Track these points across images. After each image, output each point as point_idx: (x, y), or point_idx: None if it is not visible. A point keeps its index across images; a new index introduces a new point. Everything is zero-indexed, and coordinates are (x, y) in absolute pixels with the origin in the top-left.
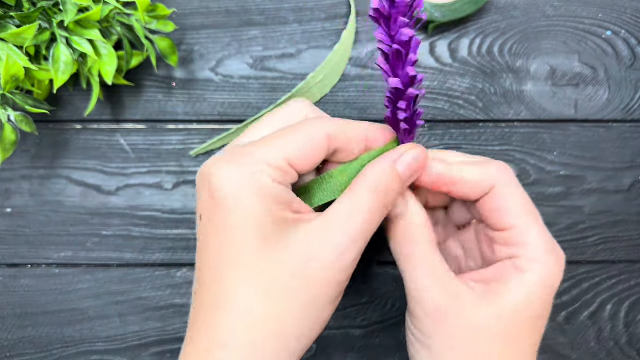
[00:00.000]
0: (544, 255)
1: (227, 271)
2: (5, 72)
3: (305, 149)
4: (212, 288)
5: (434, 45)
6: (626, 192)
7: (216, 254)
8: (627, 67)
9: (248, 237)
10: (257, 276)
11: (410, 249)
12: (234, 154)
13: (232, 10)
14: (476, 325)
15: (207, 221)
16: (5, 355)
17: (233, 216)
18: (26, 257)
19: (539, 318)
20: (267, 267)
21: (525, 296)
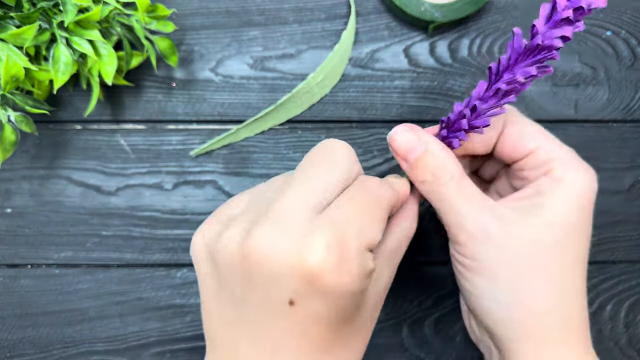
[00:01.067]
0: (576, 162)
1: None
2: (5, 72)
3: (385, 224)
4: None
5: (434, 45)
6: (626, 192)
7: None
8: (627, 67)
9: (348, 319)
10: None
11: (444, 179)
12: (335, 239)
13: (232, 10)
14: (526, 238)
15: (305, 311)
16: (5, 355)
17: (343, 310)
18: (26, 257)
19: (585, 225)
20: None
21: (571, 200)
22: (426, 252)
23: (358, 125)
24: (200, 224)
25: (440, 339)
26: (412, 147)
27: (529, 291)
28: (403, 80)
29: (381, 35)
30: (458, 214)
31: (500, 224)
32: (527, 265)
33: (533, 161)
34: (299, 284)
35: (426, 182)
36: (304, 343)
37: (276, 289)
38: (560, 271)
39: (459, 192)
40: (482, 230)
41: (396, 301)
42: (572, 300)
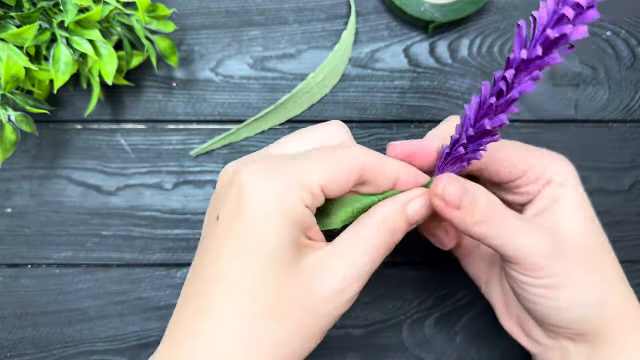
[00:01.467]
0: (559, 161)
1: (226, 280)
2: (6, 72)
3: (340, 176)
4: (205, 291)
5: (434, 45)
6: (626, 192)
7: (223, 259)
8: (627, 67)
9: (261, 252)
10: (256, 294)
11: (499, 210)
12: (270, 165)
13: (232, 10)
14: (577, 243)
15: (224, 224)
16: (5, 355)
17: (255, 228)
18: (26, 257)
19: (589, 210)
20: (268, 288)
21: (578, 193)
22: (426, 252)
23: (358, 125)
24: (200, 223)
25: (441, 338)
26: (461, 194)
27: (604, 284)
28: (403, 80)
29: (381, 35)
30: (516, 248)
31: (554, 236)
32: (592, 266)
33: (530, 177)
34: (226, 197)
35: (483, 222)
36: (222, 267)
37: (213, 205)
38: (608, 259)
39: (518, 218)
40: (553, 246)
41: (396, 301)
42: (624, 279)
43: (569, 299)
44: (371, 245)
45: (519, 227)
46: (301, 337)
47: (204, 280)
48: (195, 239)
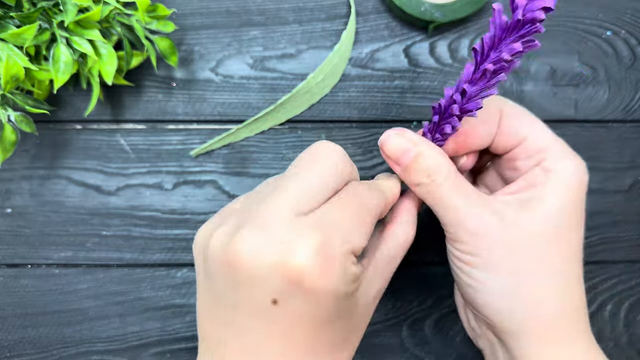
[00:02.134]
0: (566, 152)
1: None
2: (6, 72)
3: (371, 229)
4: None
5: (434, 46)
6: (626, 192)
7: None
8: (627, 67)
9: (332, 321)
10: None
11: (439, 180)
12: (322, 244)
13: (232, 10)
14: (525, 231)
15: (288, 311)
16: (5, 355)
17: (325, 310)
18: (26, 257)
19: (579, 213)
20: (337, 339)
21: (564, 190)
22: (426, 252)
23: (358, 125)
24: (200, 223)
25: (440, 339)
26: (404, 151)
27: (531, 282)
28: (403, 80)
29: (381, 35)
30: (457, 213)
31: (499, 219)
32: (527, 258)
33: (525, 150)
34: (283, 284)
35: (422, 184)
36: (288, 344)
37: (259, 289)
38: (561, 261)
39: (456, 190)
40: (482, 227)
41: (396, 301)
42: (573, 288)
43: (483, 282)
44: (399, 255)
45: (456, 198)
46: (349, 346)
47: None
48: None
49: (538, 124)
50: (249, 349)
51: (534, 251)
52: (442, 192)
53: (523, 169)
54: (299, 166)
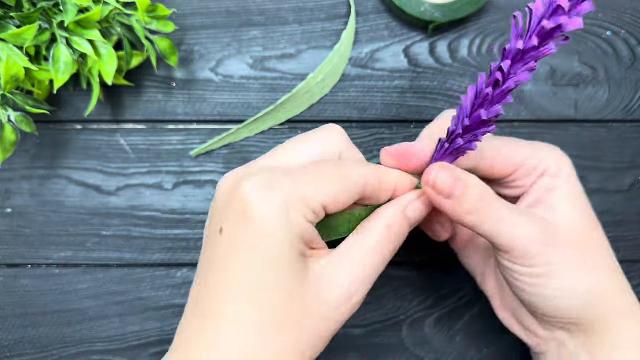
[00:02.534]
0: (552, 152)
1: (237, 291)
2: (6, 72)
3: (342, 195)
4: (212, 302)
5: (434, 46)
6: (626, 192)
7: (230, 270)
8: (627, 67)
9: (270, 265)
10: (264, 304)
11: (491, 200)
12: (272, 180)
13: (232, 10)
14: (574, 231)
15: (229, 237)
16: (5, 355)
17: (262, 241)
18: (26, 257)
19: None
20: (276, 298)
21: (573, 184)
22: (426, 252)
23: (358, 125)
24: (200, 223)
25: (440, 338)
26: (454, 183)
27: (596, 274)
28: (403, 80)
29: (381, 35)
30: (507, 236)
31: (543, 229)
32: (585, 253)
33: (525, 171)
34: (229, 211)
35: (474, 210)
36: (226, 276)
37: (216, 217)
38: (602, 248)
39: (509, 207)
40: (541, 240)
41: (396, 301)
42: (618, 265)
43: (560, 288)
44: (376, 250)
45: (509, 216)
46: (310, 343)
47: (211, 291)
48: (195, 239)
49: (520, 144)
50: (199, 281)
51: (586, 245)
52: (500, 211)
53: (528, 184)
54: (298, 138)
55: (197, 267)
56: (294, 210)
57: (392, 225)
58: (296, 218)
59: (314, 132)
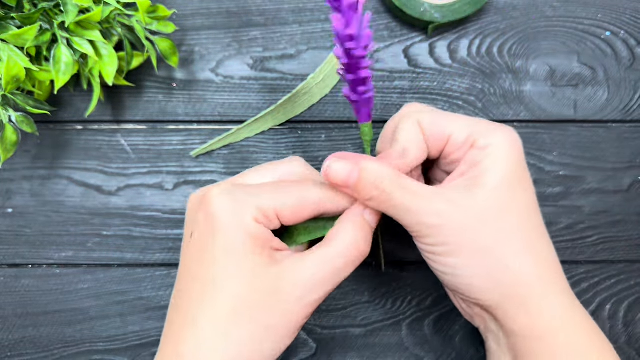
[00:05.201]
0: (491, 126)
1: (199, 288)
2: (6, 72)
3: (294, 208)
4: (184, 301)
5: (434, 46)
6: (625, 192)
7: (194, 269)
8: (626, 67)
9: (230, 260)
10: (223, 298)
11: (387, 188)
12: (233, 189)
13: (232, 11)
14: (478, 209)
15: (197, 239)
16: (6, 355)
17: (221, 240)
18: (27, 257)
19: (524, 175)
20: (233, 291)
21: (503, 159)
22: None
23: (358, 126)
24: None
25: (440, 338)
26: (348, 173)
27: (498, 255)
28: (403, 80)
29: (381, 36)
30: (412, 213)
31: (451, 205)
32: (487, 233)
33: (454, 144)
34: (198, 216)
35: (373, 197)
36: (197, 277)
37: (188, 225)
38: (519, 226)
39: (404, 193)
40: (438, 217)
41: (396, 301)
42: (538, 243)
43: (456, 267)
44: (340, 254)
45: (408, 199)
46: (272, 337)
47: (183, 292)
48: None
49: (455, 117)
50: (177, 287)
51: (492, 224)
52: (393, 198)
53: (460, 157)
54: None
55: None
56: (247, 213)
57: (354, 229)
58: (248, 219)
59: (277, 162)
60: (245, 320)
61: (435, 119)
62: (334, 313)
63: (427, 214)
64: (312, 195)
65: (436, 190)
